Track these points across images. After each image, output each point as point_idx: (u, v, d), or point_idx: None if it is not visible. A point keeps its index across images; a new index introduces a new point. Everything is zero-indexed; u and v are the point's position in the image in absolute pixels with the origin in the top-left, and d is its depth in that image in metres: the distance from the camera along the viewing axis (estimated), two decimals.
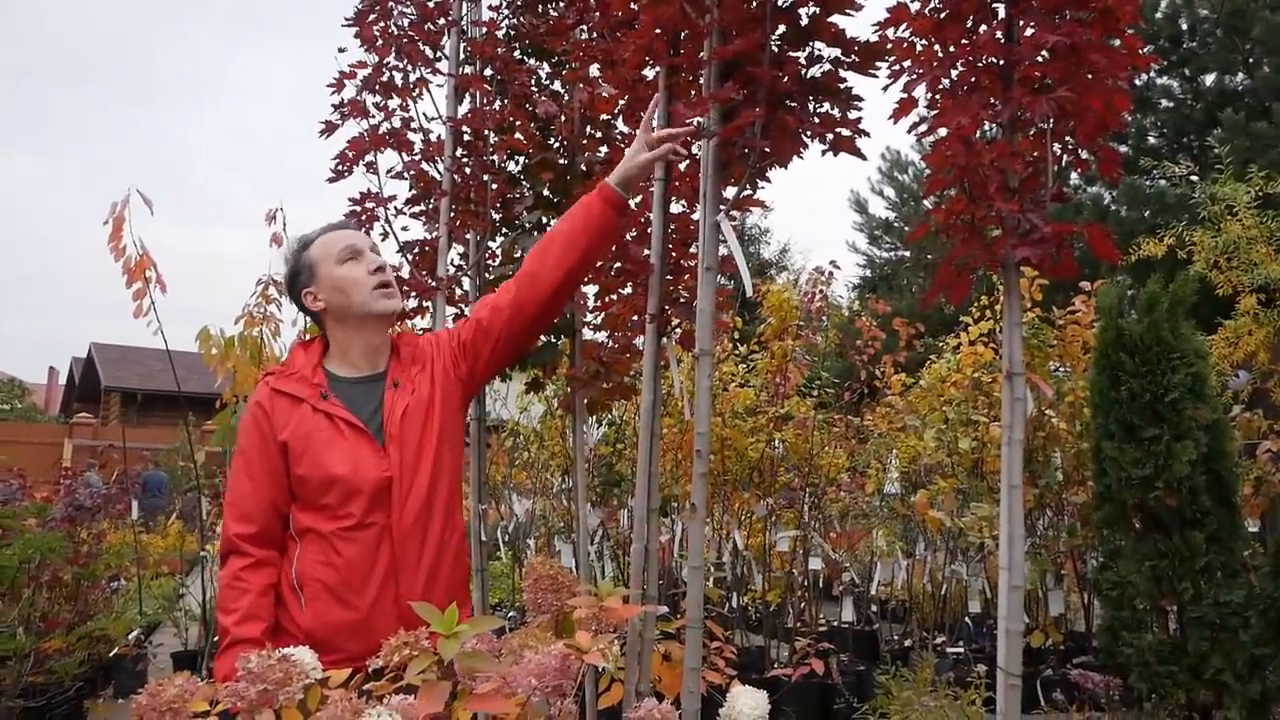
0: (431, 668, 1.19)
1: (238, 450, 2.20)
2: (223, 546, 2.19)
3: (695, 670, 2.21)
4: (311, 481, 2.16)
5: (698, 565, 2.28)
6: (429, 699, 1.15)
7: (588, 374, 3.65)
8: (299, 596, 2.13)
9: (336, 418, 2.18)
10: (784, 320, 5.15)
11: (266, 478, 2.17)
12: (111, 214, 4.64)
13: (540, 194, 3.76)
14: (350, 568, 2.14)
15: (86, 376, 34.21)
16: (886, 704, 4.23)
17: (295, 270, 2.32)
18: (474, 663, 1.19)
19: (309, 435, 2.17)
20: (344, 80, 3.23)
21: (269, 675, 1.16)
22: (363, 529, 2.15)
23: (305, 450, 2.16)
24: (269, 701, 1.15)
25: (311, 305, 2.29)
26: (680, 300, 2.96)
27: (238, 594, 2.10)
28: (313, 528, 2.16)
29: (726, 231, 2.26)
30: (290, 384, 2.22)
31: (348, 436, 2.18)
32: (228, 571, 2.14)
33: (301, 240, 2.37)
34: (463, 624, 1.19)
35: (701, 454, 2.26)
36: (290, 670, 1.18)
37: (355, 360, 2.28)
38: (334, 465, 2.15)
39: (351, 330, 2.27)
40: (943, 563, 5.66)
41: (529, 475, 6.21)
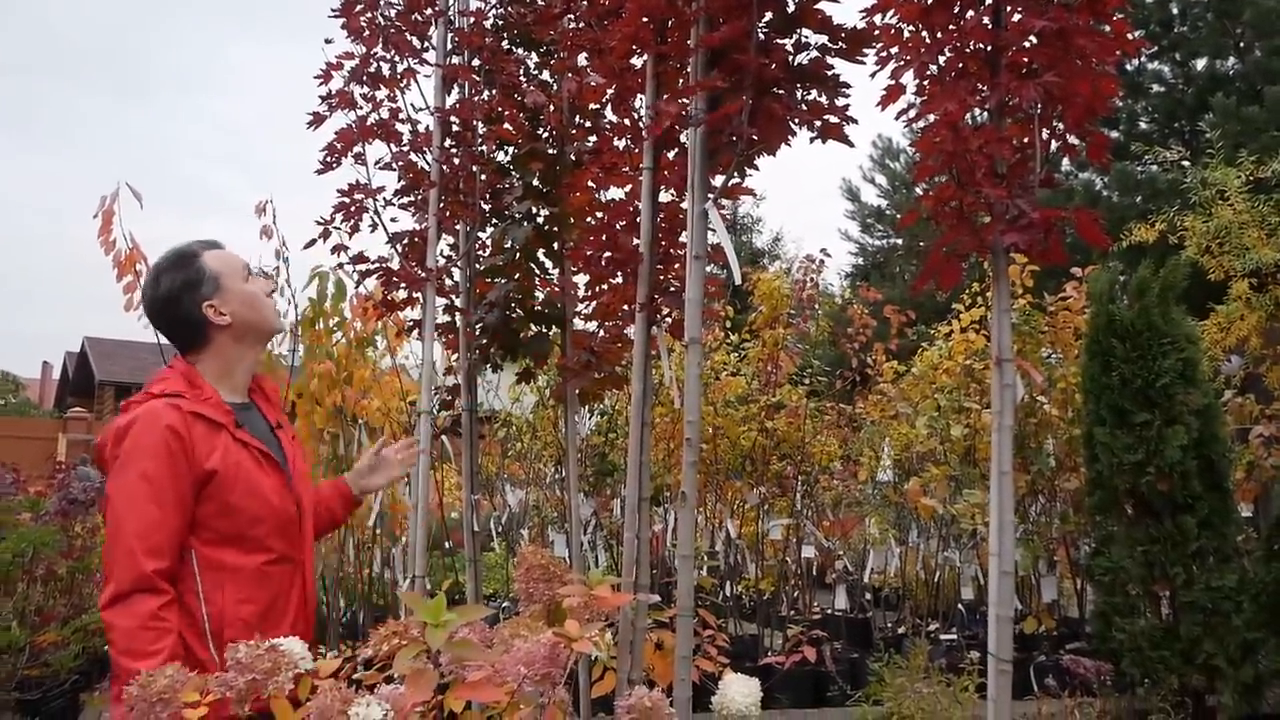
0: (420, 656, 1.19)
1: (139, 477, 1.99)
2: (126, 584, 1.94)
3: (687, 658, 2.22)
4: (245, 512, 2.10)
5: (688, 554, 2.28)
6: (417, 687, 1.15)
7: (579, 364, 3.64)
8: (208, 642, 2.00)
9: (253, 448, 2.15)
10: (775, 309, 5.16)
11: (176, 507, 2.02)
12: (101, 208, 4.62)
13: (529, 184, 3.75)
14: (272, 603, 2.12)
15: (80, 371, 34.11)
16: (880, 691, 4.25)
17: (193, 281, 2.19)
18: (462, 651, 1.19)
19: (238, 464, 2.10)
20: (331, 72, 3.20)
21: (257, 665, 1.16)
22: (282, 563, 2.16)
23: (237, 480, 2.08)
24: (258, 690, 1.15)
25: (214, 318, 2.19)
26: (670, 289, 2.96)
27: (157, 635, 1.91)
28: (231, 563, 2.07)
29: (715, 220, 2.26)
30: (207, 409, 2.10)
31: (267, 469, 2.17)
32: (140, 611, 1.91)
33: (188, 250, 2.25)
34: (452, 612, 1.19)
35: (692, 443, 2.26)
36: (279, 660, 1.18)
37: (237, 382, 2.26)
38: (269, 496, 2.13)
39: (246, 348, 2.27)
40: (935, 550, 5.68)
41: (522, 466, 6.21)
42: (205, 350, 2.22)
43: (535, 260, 3.82)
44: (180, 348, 2.26)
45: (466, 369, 3.67)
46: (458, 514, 6.35)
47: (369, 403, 4.86)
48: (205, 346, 2.22)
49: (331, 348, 4.88)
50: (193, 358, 2.23)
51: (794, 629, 3.03)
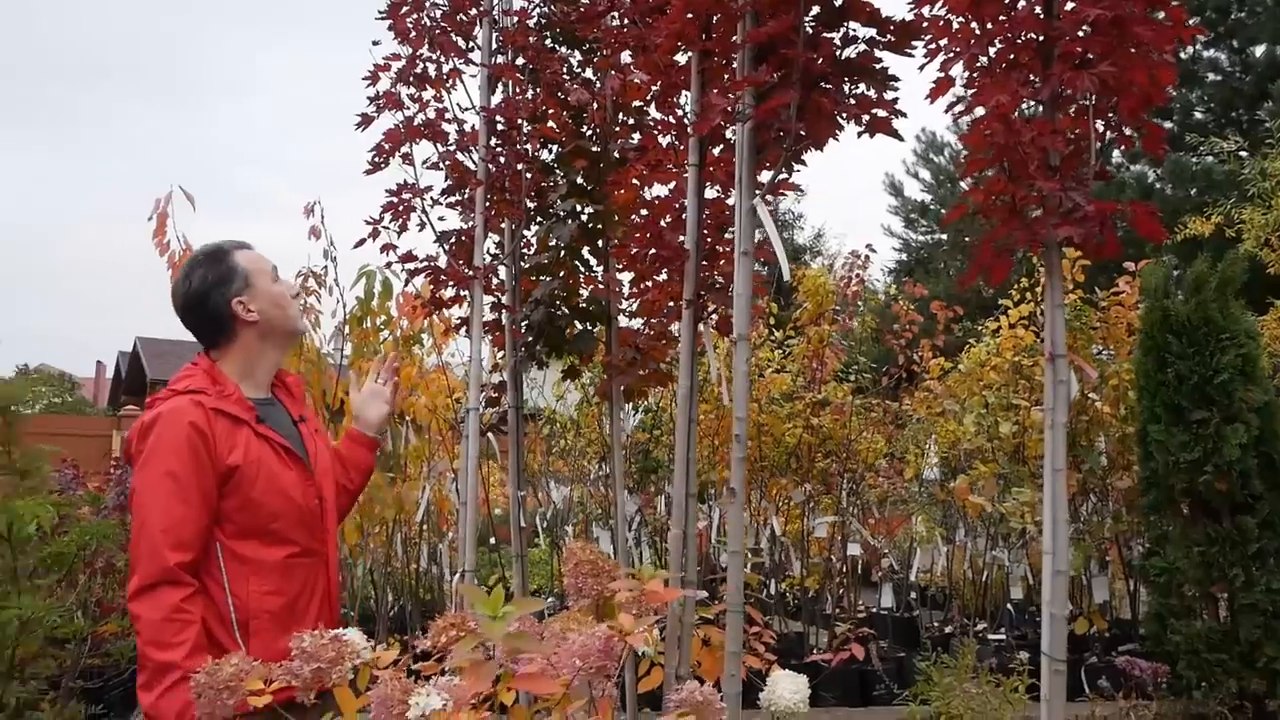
0: (478, 648, 1.20)
1: (164, 473, 2.03)
2: (150, 577, 1.98)
3: (736, 654, 2.22)
4: (266, 507, 2.12)
5: (737, 550, 2.28)
6: (475, 678, 1.16)
7: (624, 361, 3.65)
8: (234, 633, 2.05)
9: (275, 443, 2.19)
10: (820, 305, 5.12)
11: (201, 502, 2.05)
12: (155, 210, 4.72)
13: (574, 182, 3.76)
14: (297, 595, 2.15)
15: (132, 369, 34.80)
16: (927, 690, 4.20)
17: (225, 276, 2.23)
18: (519, 643, 1.20)
19: (260, 460, 2.13)
20: (379, 73, 3.24)
21: (322, 654, 1.18)
22: (307, 556, 2.19)
23: (259, 475, 2.12)
24: (323, 680, 1.17)
25: (243, 315, 2.23)
26: (716, 286, 2.95)
27: (181, 626, 1.96)
28: (255, 557, 2.11)
29: (763, 216, 2.25)
30: (229, 405, 2.14)
31: (289, 463, 2.20)
32: (164, 603, 1.96)
33: (220, 247, 2.30)
34: (508, 605, 1.20)
35: (740, 439, 2.26)
36: (342, 649, 1.20)
37: (259, 380, 2.28)
38: (290, 490, 2.17)
39: (270, 347, 2.30)
40: (983, 549, 5.62)
41: (566, 463, 6.24)
42: (230, 347, 2.26)
43: (580, 258, 3.84)
44: (206, 343, 2.28)
45: (512, 366, 3.69)
46: (501, 510, 6.39)
47: (416, 400, 4.91)
48: (231, 343, 2.26)
49: (379, 345, 4.94)
50: (217, 354, 2.26)
51: (842, 627, 3.01)
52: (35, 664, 3.32)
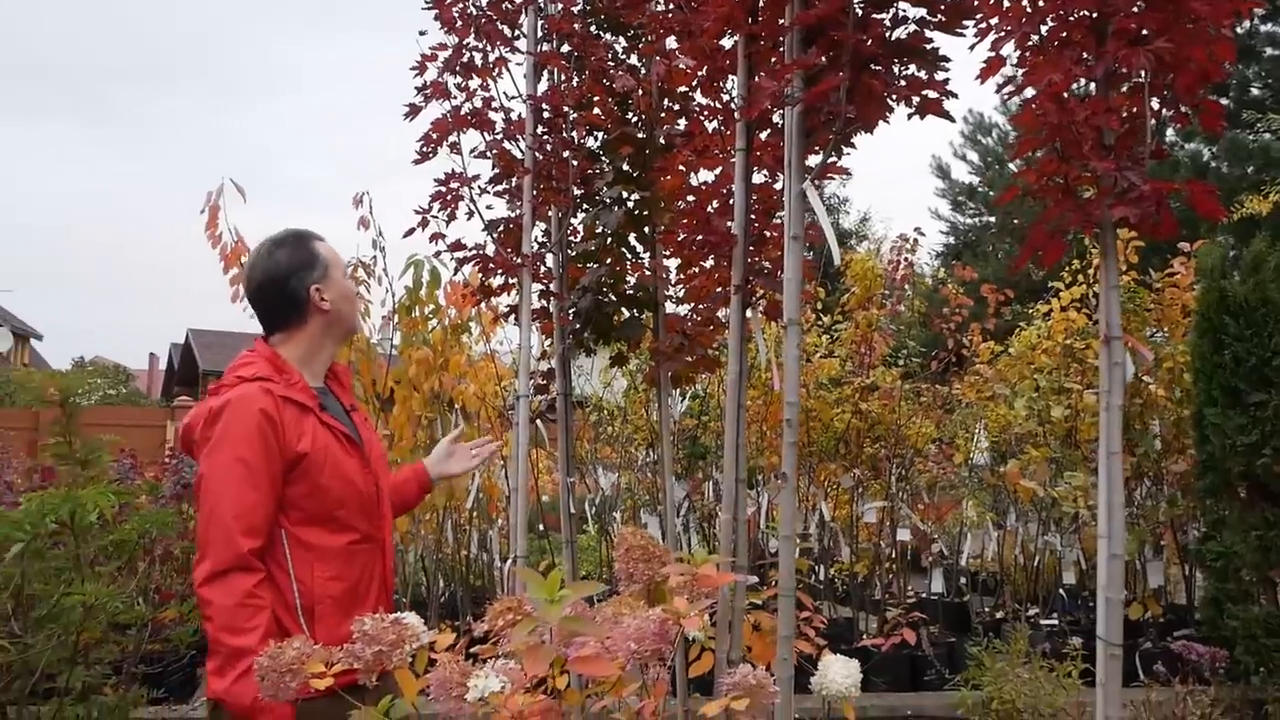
0: (535, 632, 1.22)
1: (234, 459, 2.05)
2: (223, 563, 2.01)
3: (788, 638, 2.22)
4: (332, 493, 2.15)
5: (789, 535, 2.28)
6: (534, 661, 1.18)
7: (671, 347, 3.65)
8: (299, 618, 2.08)
9: (337, 430, 2.22)
10: (868, 289, 5.08)
11: (270, 489, 2.08)
12: (207, 203, 4.81)
13: (620, 169, 3.77)
14: (358, 581, 2.19)
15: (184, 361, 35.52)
16: (979, 675, 4.18)
17: (307, 261, 2.26)
18: (575, 626, 1.22)
19: (326, 447, 2.16)
20: (426, 63, 3.27)
21: (383, 637, 1.20)
22: (366, 542, 2.23)
23: (325, 462, 2.15)
24: (384, 662, 1.20)
25: (318, 302, 2.25)
26: (764, 271, 2.94)
27: (253, 612, 1.99)
28: (319, 543, 2.13)
29: (813, 199, 2.24)
30: (296, 393, 2.17)
31: (350, 451, 2.23)
32: (236, 589, 1.99)
33: (305, 233, 2.33)
34: (565, 588, 1.22)
35: (791, 424, 2.26)
36: (402, 632, 1.22)
37: (316, 370, 2.30)
38: (353, 477, 2.21)
39: (331, 340, 2.34)
40: (1035, 533, 5.55)
41: (614, 449, 6.27)
42: (296, 333, 2.27)
43: (626, 244, 3.84)
44: (271, 326, 2.29)
45: (560, 353, 3.72)
46: (549, 497, 6.44)
47: (465, 388, 4.96)
48: (298, 329, 2.27)
49: (428, 334, 4.99)
50: (280, 338, 2.27)
51: (893, 611, 3.01)
52: (98, 649, 3.40)
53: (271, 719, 1.94)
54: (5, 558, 2.85)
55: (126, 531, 3.31)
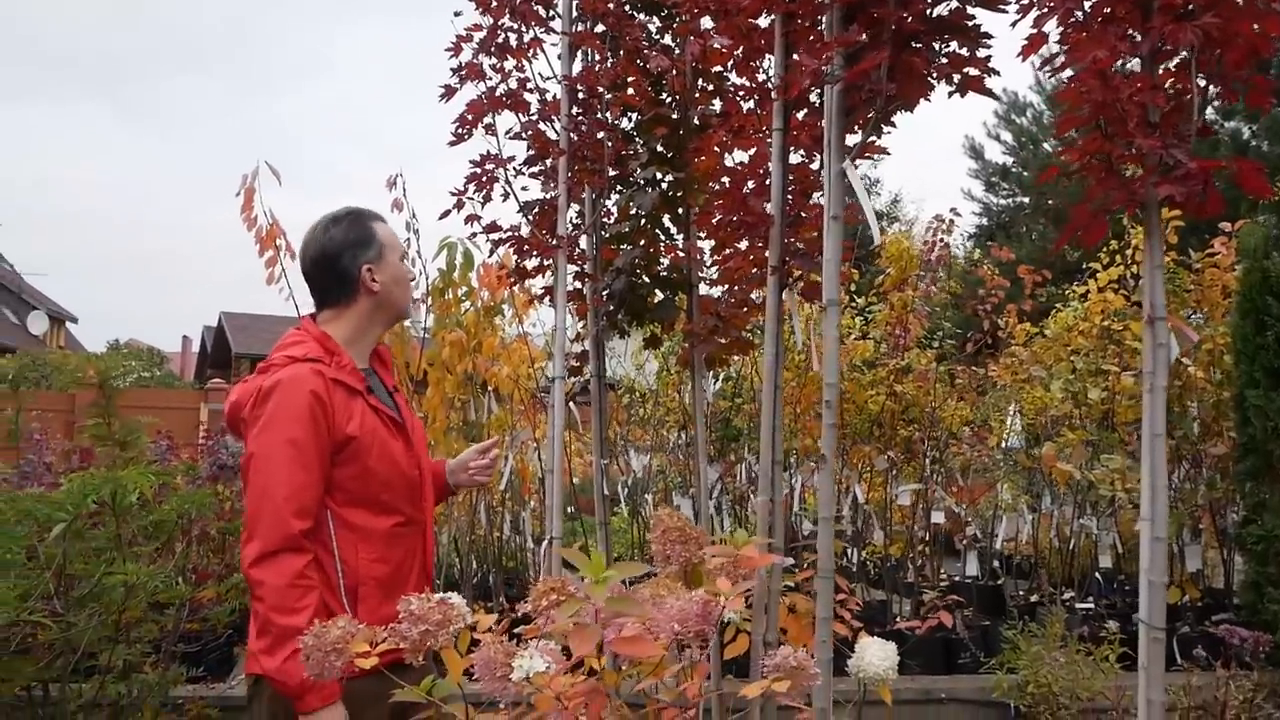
0: (581, 612, 1.22)
1: (285, 440, 2.05)
2: (274, 543, 2.01)
3: (827, 620, 2.22)
4: (379, 476, 2.15)
5: (828, 516, 2.27)
6: (581, 641, 1.18)
7: (706, 329, 3.64)
8: (342, 598, 2.10)
9: (383, 414, 2.22)
10: (904, 270, 5.04)
11: (320, 470, 2.08)
12: (242, 186, 4.84)
13: (654, 150, 3.75)
14: (401, 563, 2.20)
15: (217, 344, 35.91)
16: (1014, 659, 4.15)
17: (364, 240, 2.25)
18: (621, 607, 1.22)
19: (374, 430, 2.17)
20: (461, 44, 3.26)
21: (430, 617, 1.21)
22: (409, 525, 2.24)
23: (373, 445, 2.15)
24: (430, 642, 1.20)
25: (369, 282, 2.24)
26: (800, 252, 2.92)
27: (303, 592, 2.00)
28: (364, 525, 2.14)
29: (852, 179, 2.22)
30: (345, 375, 2.17)
31: (395, 433, 2.24)
32: (288, 570, 2.00)
33: (363, 211, 2.32)
34: (610, 569, 1.22)
35: (830, 405, 2.24)
36: (448, 612, 1.23)
37: (362, 350, 2.29)
38: (399, 460, 2.22)
39: (378, 323, 2.32)
40: (1070, 517, 5.50)
41: (646, 431, 6.27)
42: (345, 311, 2.25)
43: (660, 226, 3.83)
44: (320, 302, 2.28)
45: (594, 335, 3.71)
46: (579, 479, 6.45)
47: (499, 370, 4.97)
48: (347, 307, 2.25)
49: (460, 316, 5.00)
50: (329, 315, 2.26)
51: (930, 594, 3.00)
52: (139, 627, 3.46)
53: (318, 698, 1.96)
54: (48, 538, 2.89)
55: (166, 512, 3.36)
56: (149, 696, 3.23)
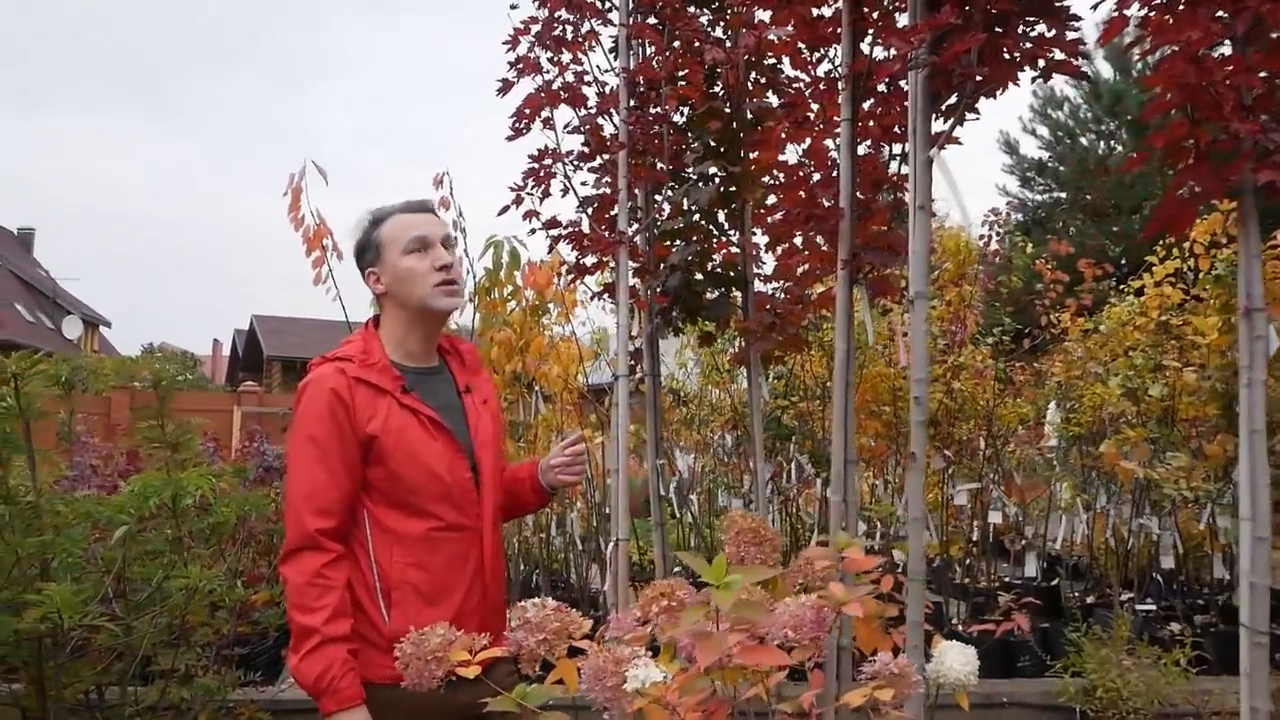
0: (705, 618, 1.16)
1: (307, 439, 2.06)
2: (294, 542, 2.03)
3: (918, 624, 2.14)
4: (406, 480, 2.09)
5: (918, 517, 2.20)
6: (707, 650, 1.11)
7: (762, 326, 3.57)
8: (378, 600, 2.06)
9: (422, 415, 2.14)
10: (962, 265, 4.94)
11: (344, 470, 2.06)
12: (289, 186, 4.81)
13: (708, 144, 3.69)
14: (444, 570, 2.10)
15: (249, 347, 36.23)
16: (1080, 662, 4.05)
17: (363, 245, 2.26)
18: (747, 613, 1.15)
19: (401, 430, 2.10)
20: (518, 36, 3.21)
21: (547, 625, 1.15)
22: (454, 530, 2.13)
23: (398, 446, 2.09)
24: (548, 651, 1.14)
25: (373, 287, 2.24)
26: (872, 245, 2.84)
27: (321, 591, 1.98)
28: (397, 528, 2.09)
29: (940, 168, 2.14)
30: (372, 374, 2.12)
31: (435, 436, 2.14)
32: (306, 568, 2.00)
33: (374, 214, 2.28)
34: (734, 574, 1.15)
35: (920, 401, 2.17)
36: (566, 620, 1.17)
37: (413, 349, 2.24)
38: (432, 463, 2.11)
39: (411, 322, 2.23)
40: (1128, 516, 5.37)
41: (692, 431, 6.20)
42: (384, 314, 2.27)
43: (715, 222, 3.76)
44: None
45: (649, 333, 3.65)
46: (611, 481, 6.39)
47: (548, 369, 4.92)
48: (382, 310, 2.27)
49: (507, 315, 4.96)
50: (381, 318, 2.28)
51: (1005, 597, 2.91)
52: (197, 632, 3.43)
53: (334, 701, 1.94)
54: (110, 541, 2.86)
55: (225, 514, 3.32)
56: (208, 701, 3.20)
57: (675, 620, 1.31)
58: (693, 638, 1.14)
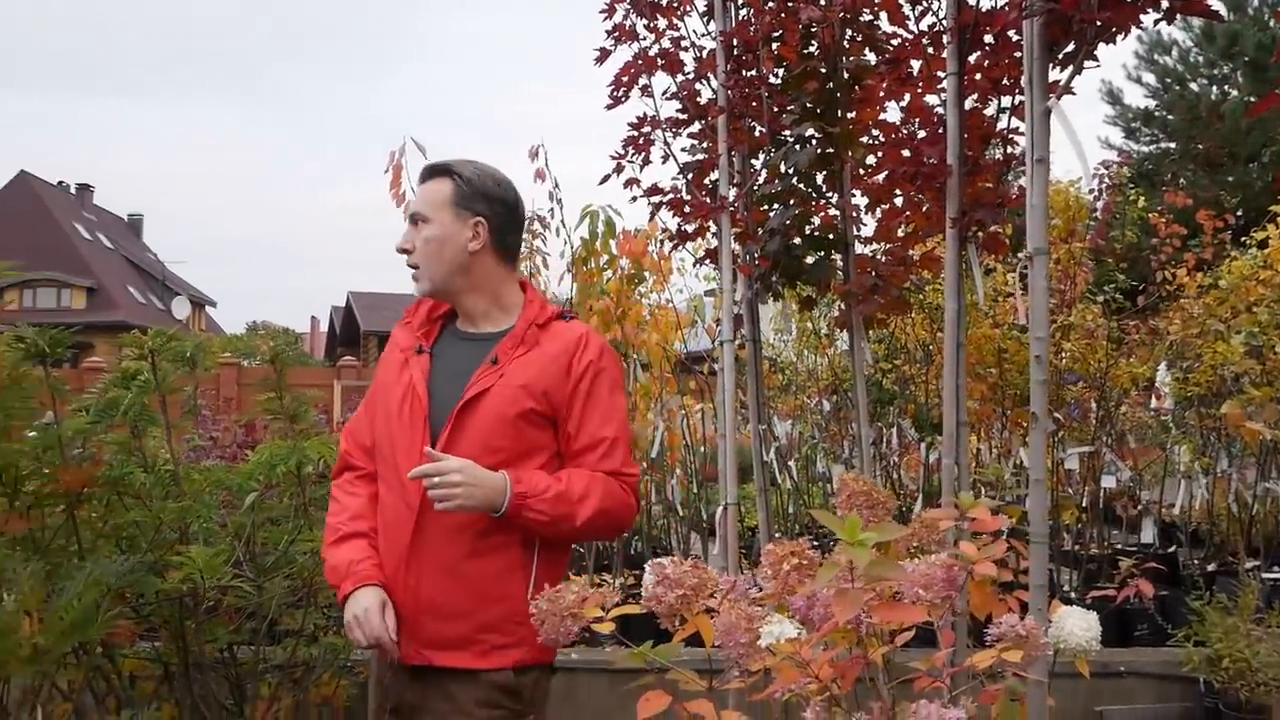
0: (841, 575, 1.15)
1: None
2: (336, 466, 2.27)
3: (1042, 587, 2.10)
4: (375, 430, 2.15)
5: (1039, 478, 2.15)
6: (844, 606, 1.11)
7: (864, 288, 3.52)
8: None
9: (409, 378, 2.08)
10: (1071, 221, 4.78)
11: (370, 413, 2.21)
12: (390, 163, 4.91)
13: (805, 106, 3.63)
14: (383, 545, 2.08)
15: (346, 323, 37.23)
16: (1204, 631, 3.91)
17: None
18: (882, 571, 1.15)
19: (385, 388, 2.13)
20: (614, 5, 3.20)
21: (685, 581, 1.16)
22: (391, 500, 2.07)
23: (375, 400, 2.18)
24: (687, 606, 1.16)
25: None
26: (982, 202, 2.77)
27: (347, 495, 2.15)
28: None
29: (1059, 119, 2.07)
30: (402, 333, 2.19)
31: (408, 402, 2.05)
32: (338, 482, 2.21)
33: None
34: (869, 530, 1.14)
35: (1040, 360, 2.11)
36: (704, 578, 1.18)
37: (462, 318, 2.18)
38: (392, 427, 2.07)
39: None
40: (1252, 480, 5.16)
41: (789, 397, 6.16)
42: None
43: (813, 184, 3.71)
44: None
45: (749, 298, 3.63)
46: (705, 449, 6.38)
47: (648, 337, 4.94)
48: None
49: (604, 285, 4.99)
50: None
51: (1126, 562, 2.83)
52: (320, 594, 3.56)
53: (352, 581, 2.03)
54: (242, 507, 2.99)
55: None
56: (332, 660, 3.33)
57: (805, 579, 1.31)
58: (832, 593, 1.14)
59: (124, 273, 43.16)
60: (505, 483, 1.94)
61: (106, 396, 2.84)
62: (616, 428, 2.09)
